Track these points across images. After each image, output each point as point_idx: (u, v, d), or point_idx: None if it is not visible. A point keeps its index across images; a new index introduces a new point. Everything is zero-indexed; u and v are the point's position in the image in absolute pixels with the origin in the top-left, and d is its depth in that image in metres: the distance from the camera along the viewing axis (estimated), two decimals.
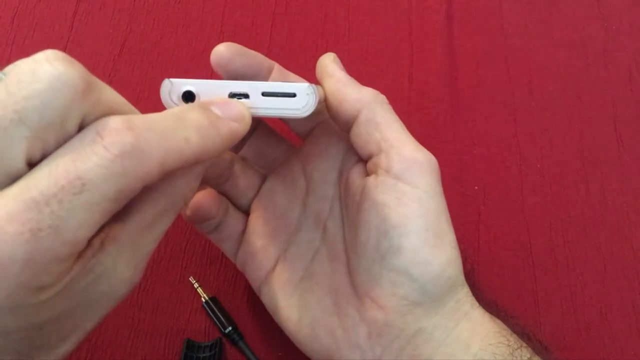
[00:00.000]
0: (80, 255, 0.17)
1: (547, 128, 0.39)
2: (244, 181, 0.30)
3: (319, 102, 0.25)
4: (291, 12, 0.43)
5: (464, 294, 0.26)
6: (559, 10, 0.43)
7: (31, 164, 0.17)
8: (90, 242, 0.18)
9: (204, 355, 0.31)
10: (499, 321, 0.26)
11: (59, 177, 0.16)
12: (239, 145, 0.32)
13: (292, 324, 0.28)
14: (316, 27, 0.42)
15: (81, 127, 0.17)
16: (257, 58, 0.27)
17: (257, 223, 0.30)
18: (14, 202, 0.16)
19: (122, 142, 0.17)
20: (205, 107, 0.20)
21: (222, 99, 0.22)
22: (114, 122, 0.17)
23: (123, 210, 0.19)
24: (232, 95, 0.23)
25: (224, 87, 0.22)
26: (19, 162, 0.16)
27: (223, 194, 0.30)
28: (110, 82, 0.40)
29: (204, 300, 0.33)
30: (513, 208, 0.37)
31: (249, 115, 0.22)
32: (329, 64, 0.27)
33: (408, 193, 0.24)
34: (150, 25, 0.42)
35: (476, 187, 0.37)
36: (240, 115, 0.21)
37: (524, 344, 0.25)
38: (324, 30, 0.42)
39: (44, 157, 0.17)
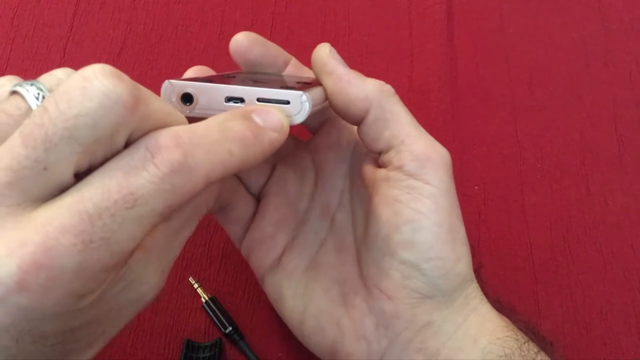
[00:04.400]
0: None
1: (547, 128, 0.39)
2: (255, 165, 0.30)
3: (320, 103, 0.25)
4: (291, 12, 0.43)
5: (473, 289, 0.26)
6: (559, 10, 0.43)
7: (77, 175, 0.17)
8: None
9: (204, 355, 0.31)
10: (505, 317, 0.26)
11: (112, 192, 0.16)
12: None
13: (297, 314, 0.28)
14: (316, 27, 0.42)
15: (129, 140, 0.18)
16: (274, 49, 0.28)
17: (268, 209, 0.29)
18: (68, 213, 0.16)
19: (171, 159, 0.17)
20: (247, 117, 0.20)
21: (263, 107, 0.22)
22: (163, 138, 0.17)
23: None
24: (229, 100, 0.23)
25: (221, 90, 0.23)
26: (68, 175, 0.17)
27: (236, 176, 0.30)
28: None
29: (204, 301, 0.33)
30: (513, 208, 0.37)
31: (287, 124, 0.22)
32: (327, 61, 0.26)
33: (420, 189, 0.24)
34: (150, 25, 0.42)
35: (476, 187, 0.37)
36: (279, 124, 0.21)
37: (530, 339, 0.25)
38: (324, 30, 0.42)
39: (90, 168, 0.17)
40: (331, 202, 0.29)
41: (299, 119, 0.23)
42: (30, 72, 0.39)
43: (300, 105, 0.22)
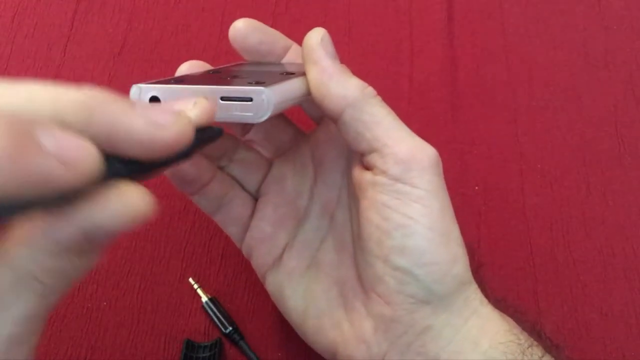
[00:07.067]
0: None
1: (547, 128, 0.39)
2: (250, 164, 0.29)
3: (301, 96, 0.24)
4: (291, 12, 0.43)
5: (473, 291, 0.25)
6: (559, 10, 0.43)
7: None
8: None
9: (204, 355, 0.31)
10: (509, 318, 0.26)
11: None
12: (246, 128, 0.31)
13: (298, 314, 0.27)
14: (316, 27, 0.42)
15: None
16: (273, 36, 0.27)
17: (267, 208, 0.29)
18: None
19: None
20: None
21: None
22: None
23: None
24: None
25: (184, 92, 0.22)
26: None
27: (230, 176, 0.29)
28: (109, 82, 0.40)
29: (204, 301, 0.33)
30: (514, 208, 0.37)
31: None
32: (315, 50, 0.24)
33: (409, 193, 0.23)
34: (150, 25, 0.42)
35: (477, 188, 0.37)
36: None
37: (535, 342, 0.25)
38: None
39: None
40: (331, 199, 0.28)
41: (261, 117, 0.21)
42: (30, 71, 0.39)
43: (260, 103, 0.21)
